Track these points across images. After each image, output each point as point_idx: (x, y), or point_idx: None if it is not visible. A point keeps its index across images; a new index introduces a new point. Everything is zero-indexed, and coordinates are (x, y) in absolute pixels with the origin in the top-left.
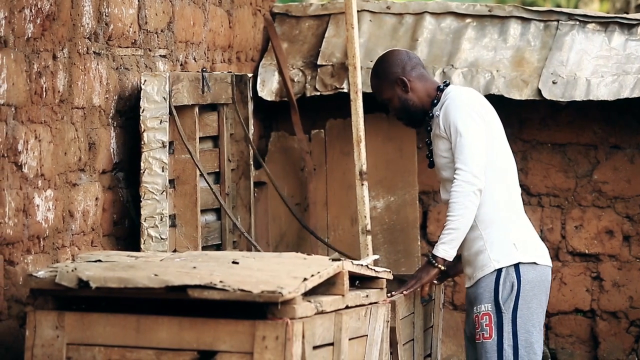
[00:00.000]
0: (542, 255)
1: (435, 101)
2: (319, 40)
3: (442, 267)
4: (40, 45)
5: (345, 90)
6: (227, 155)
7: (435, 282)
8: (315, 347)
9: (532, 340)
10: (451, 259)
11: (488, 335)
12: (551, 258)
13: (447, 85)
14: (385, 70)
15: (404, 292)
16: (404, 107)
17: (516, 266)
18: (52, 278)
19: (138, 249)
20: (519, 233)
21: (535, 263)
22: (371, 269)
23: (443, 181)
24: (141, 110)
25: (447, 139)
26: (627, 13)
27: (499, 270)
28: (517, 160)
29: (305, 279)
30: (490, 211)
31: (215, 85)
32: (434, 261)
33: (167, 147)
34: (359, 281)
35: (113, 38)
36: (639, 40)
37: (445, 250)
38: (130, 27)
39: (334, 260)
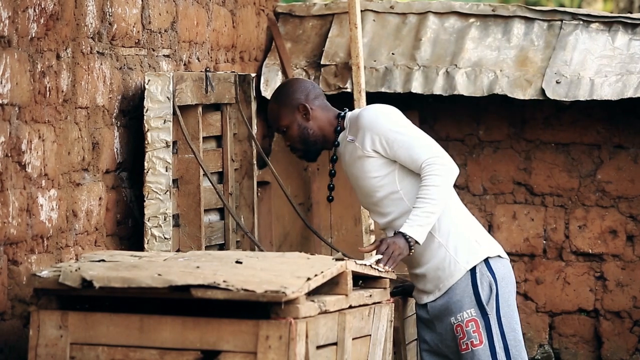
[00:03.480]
0: (501, 248)
1: (339, 128)
2: (322, 40)
3: (411, 253)
4: (43, 45)
5: (349, 90)
6: (230, 155)
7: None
8: (318, 347)
9: (519, 338)
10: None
11: (478, 342)
12: (554, 258)
13: (345, 113)
14: (288, 96)
15: (387, 263)
16: (303, 135)
17: (486, 262)
18: (55, 278)
19: (141, 249)
20: (473, 230)
21: (499, 256)
22: (374, 268)
23: (378, 202)
24: (145, 110)
25: (379, 155)
26: (631, 13)
27: (472, 271)
28: (520, 159)
29: (308, 279)
30: (445, 217)
31: (219, 85)
32: (410, 242)
33: (171, 146)
34: (362, 281)
35: (117, 38)
36: None
37: (422, 233)
38: (133, 26)
39: (337, 260)
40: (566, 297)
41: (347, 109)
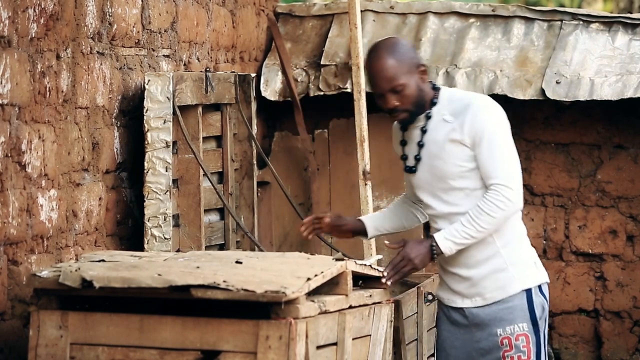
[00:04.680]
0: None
1: (435, 100)
2: (322, 40)
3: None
4: (43, 45)
5: (349, 90)
6: (230, 155)
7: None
8: (318, 347)
9: None
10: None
11: (526, 357)
12: (555, 258)
13: (439, 87)
14: (406, 54)
15: (391, 276)
16: (419, 96)
17: (540, 286)
18: (55, 278)
19: (141, 249)
20: (532, 251)
21: (547, 282)
22: (374, 268)
23: (449, 190)
24: (145, 110)
25: (470, 147)
26: (631, 13)
27: (528, 291)
28: (520, 160)
29: (308, 279)
30: (510, 228)
31: (219, 85)
32: (435, 252)
33: (171, 147)
34: (362, 281)
35: (117, 38)
36: None
37: (452, 249)
38: (133, 27)
39: (337, 260)
40: (566, 297)
41: (434, 83)
